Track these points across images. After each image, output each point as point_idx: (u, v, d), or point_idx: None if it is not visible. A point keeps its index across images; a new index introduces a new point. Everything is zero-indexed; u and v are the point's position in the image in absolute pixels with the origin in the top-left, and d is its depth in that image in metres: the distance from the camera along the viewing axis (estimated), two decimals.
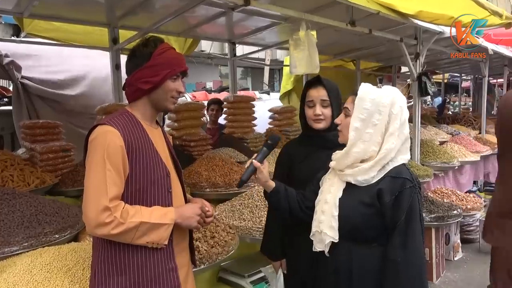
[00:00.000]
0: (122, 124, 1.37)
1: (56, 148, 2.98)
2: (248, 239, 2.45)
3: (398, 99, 1.46)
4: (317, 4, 3.10)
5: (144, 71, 1.40)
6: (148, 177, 1.38)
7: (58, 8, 3.01)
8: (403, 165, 1.46)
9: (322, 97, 1.81)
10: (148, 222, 1.32)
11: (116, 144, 1.31)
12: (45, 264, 1.66)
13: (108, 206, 1.27)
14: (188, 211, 1.44)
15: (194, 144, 3.76)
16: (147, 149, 1.40)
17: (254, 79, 15.86)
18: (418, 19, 3.54)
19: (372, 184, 1.43)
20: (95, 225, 1.28)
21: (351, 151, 1.45)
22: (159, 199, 1.41)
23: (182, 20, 3.43)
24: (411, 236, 1.38)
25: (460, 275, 3.66)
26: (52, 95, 4.09)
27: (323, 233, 1.49)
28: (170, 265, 1.43)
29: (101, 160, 1.29)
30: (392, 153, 1.43)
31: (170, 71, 1.42)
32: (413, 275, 1.38)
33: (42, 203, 2.13)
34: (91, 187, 1.30)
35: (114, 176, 1.30)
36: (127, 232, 1.30)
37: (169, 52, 1.44)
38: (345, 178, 1.48)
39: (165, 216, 1.37)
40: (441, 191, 4.19)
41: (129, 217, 1.30)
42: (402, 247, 1.37)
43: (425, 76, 4.33)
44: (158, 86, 1.42)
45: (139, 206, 1.36)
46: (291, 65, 2.81)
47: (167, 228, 1.36)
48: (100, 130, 1.35)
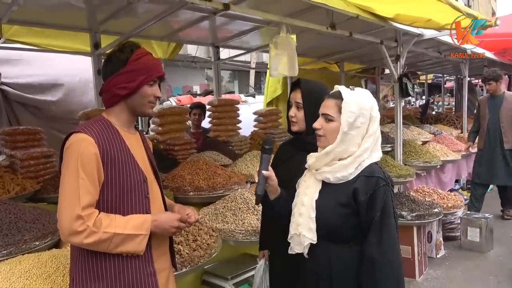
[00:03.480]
0: (97, 131, 1.37)
1: (37, 155, 2.95)
2: (231, 241, 2.47)
3: (374, 102, 1.52)
4: (297, 8, 3.14)
5: (120, 77, 1.41)
6: (124, 184, 1.39)
7: (38, 14, 2.98)
8: (376, 164, 1.50)
9: (296, 100, 1.85)
10: (122, 233, 1.32)
11: (90, 151, 1.32)
12: (24, 271, 1.65)
13: (81, 215, 1.28)
14: (165, 223, 1.43)
15: (178, 148, 3.76)
16: (123, 156, 1.40)
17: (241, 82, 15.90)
18: (396, 22, 3.61)
19: (347, 183, 1.46)
20: (68, 233, 1.29)
21: (333, 151, 1.48)
22: (136, 205, 1.42)
23: (164, 24, 3.44)
24: (386, 233, 1.41)
25: (442, 272, 3.72)
26: (33, 101, 4.04)
27: (301, 235, 1.52)
28: (148, 270, 1.43)
29: (75, 169, 1.30)
30: (368, 151, 1.48)
31: (147, 77, 1.43)
32: (389, 271, 1.41)
33: (22, 210, 2.11)
34: (64, 196, 1.31)
35: (87, 185, 1.31)
36: (101, 242, 1.30)
37: (146, 58, 1.45)
38: (323, 175, 1.50)
39: (141, 226, 1.37)
40: (423, 190, 4.27)
41: (102, 227, 1.30)
42: (378, 244, 1.41)
43: (406, 77, 4.41)
44: (135, 91, 1.43)
45: (114, 215, 1.36)
46: (271, 67, 2.85)
47: (143, 239, 1.37)
48: (74, 138, 1.35)
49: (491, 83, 4.80)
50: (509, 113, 4.75)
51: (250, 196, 2.71)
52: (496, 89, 4.85)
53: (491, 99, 4.92)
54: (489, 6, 25.40)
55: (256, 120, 5.01)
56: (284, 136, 4.83)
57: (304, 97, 1.82)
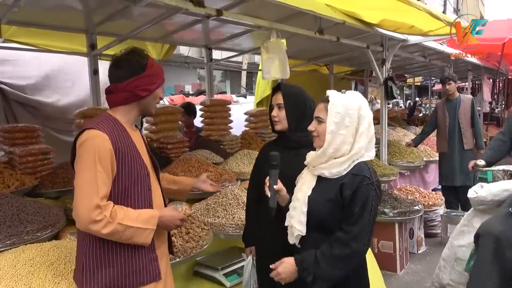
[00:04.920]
0: (109, 128, 1.51)
1: (35, 151, 3.04)
2: (222, 234, 2.61)
3: (363, 102, 1.65)
4: (286, 13, 3.26)
5: (143, 79, 1.57)
6: (132, 177, 1.54)
7: (37, 15, 3.06)
8: (364, 163, 1.63)
9: (278, 101, 2.00)
10: (133, 226, 1.47)
11: (106, 147, 1.46)
12: (28, 259, 1.77)
13: (99, 204, 1.41)
14: (169, 220, 1.60)
15: (171, 147, 3.87)
16: (131, 151, 1.55)
17: (233, 82, 15.99)
18: (381, 28, 3.79)
19: (337, 179, 1.60)
20: (87, 221, 1.41)
21: (327, 151, 1.61)
22: (140, 197, 1.57)
23: (159, 26, 3.53)
24: (358, 225, 1.55)
25: (422, 266, 3.92)
26: (30, 101, 4.12)
27: (293, 227, 1.68)
28: (151, 255, 1.59)
29: (92, 162, 1.42)
30: (362, 150, 1.61)
31: (161, 80, 1.64)
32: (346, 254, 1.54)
33: (23, 204, 2.22)
34: (83, 186, 1.43)
35: (104, 177, 1.44)
36: (115, 233, 1.44)
37: (156, 64, 1.64)
38: (319, 171, 1.64)
39: (150, 221, 1.52)
40: (406, 188, 4.45)
41: (118, 219, 1.44)
42: (348, 232, 1.55)
43: (391, 80, 4.60)
44: (152, 93, 1.61)
45: (126, 208, 1.50)
46: (264, 71, 2.99)
47: (150, 232, 1.53)
48: (89, 134, 1.47)
49: (451, 83, 4.80)
50: (467, 114, 4.78)
51: (240, 192, 2.85)
52: (455, 91, 4.89)
53: (448, 102, 4.92)
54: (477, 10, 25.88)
55: (247, 120, 5.14)
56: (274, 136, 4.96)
57: (285, 97, 1.98)
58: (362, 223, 1.56)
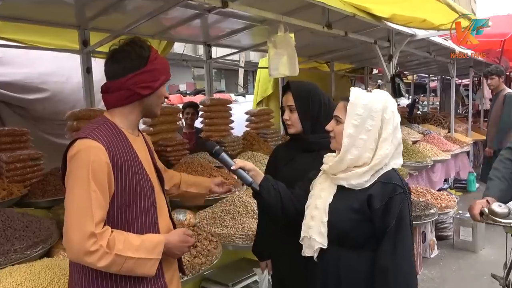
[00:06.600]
0: (105, 136, 1.26)
1: (24, 157, 2.81)
2: (230, 246, 2.39)
3: (389, 103, 1.45)
4: (293, 6, 3.09)
5: (144, 75, 1.32)
6: (134, 193, 1.30)
7: (24, 9, 2.84)
8: (393, 170, 1.45)
9: (289, 103, 1.84)
10: (134, 257, 1.23)
11: (101, 161, 1.21)
12: (15, 285, 1.55)
13: (94, 232, 1.17)
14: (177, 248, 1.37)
15: (170, 149, 3.66)
16: (132, 163, 1.31)
17: (228, 81, 15.78)
18: (392, 22, 3.61)
19: (363, 189, 1.42)
20: (79, 253, 1.18)
21: (345, 158, 1.42)
22: (144, 216, 1.33)
23: (156, 22, 3.33)
24: (401, 242, 1.37)
25: (436, 272, 3.75)
26: (18, 101, 3.86)
27: (312, 239, 1.49)
28: (159, 283, 1.36)
29: (85, 180, 1.18)
30: (386, 159, 1.42)
31: (166, 77, 1.38)
32: (402, 280, 1.38)
33: (11, 217, 1.99)
34: (74, 210, 1.19)
35: (99, 198, 1.20)
36: (113, 265, 1.21)
37: (160, 57, 1.39)
38: (338, 181, 1.47)
39: (154, 250, 1.29)
40: (416, 190, 4.27)
41: (115, 249, 1.20)
42: (392, 253, 1.37)
43: (398, 77, 4.43)
44: (155, 91, 1.36)
45: (127, 233, 1.27)
46: (271, 67, 2.78)
47: (154, 263, 1.29)
48: (81, 145, 1.23)
49: (493, 78, 4.79)
50: (497, 113, 4.79)
51: (248, 199, 2.64)
52: (498, 85, 4.85)
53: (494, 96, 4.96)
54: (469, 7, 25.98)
55: (248, 120, 4.94)
56: (277, 136, 4.78)
57: (296, 98, 1.81)
58: (402, 239, 1.38)
